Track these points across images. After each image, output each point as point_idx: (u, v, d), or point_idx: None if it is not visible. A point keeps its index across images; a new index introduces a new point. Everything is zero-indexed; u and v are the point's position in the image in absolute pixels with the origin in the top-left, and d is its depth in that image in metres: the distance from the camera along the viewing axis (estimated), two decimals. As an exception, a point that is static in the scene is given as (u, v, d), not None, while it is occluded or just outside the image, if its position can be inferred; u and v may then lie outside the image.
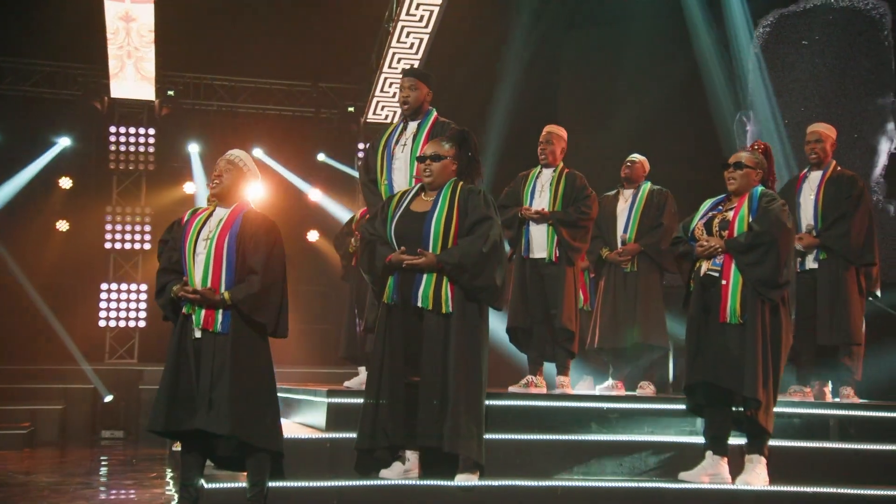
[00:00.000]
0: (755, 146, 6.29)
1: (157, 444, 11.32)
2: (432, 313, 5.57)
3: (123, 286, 14.06)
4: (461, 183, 5.78)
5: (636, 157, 8.34)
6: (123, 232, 14.08)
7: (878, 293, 7.79)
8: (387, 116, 14.88)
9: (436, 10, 12.82)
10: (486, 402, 5.72)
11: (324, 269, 14.28)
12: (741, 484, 5.90)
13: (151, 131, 14.25)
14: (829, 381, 7.63)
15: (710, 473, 5.94)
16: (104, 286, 14.02)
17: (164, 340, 14.01)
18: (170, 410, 5.29)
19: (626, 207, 8.15)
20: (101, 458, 10.25)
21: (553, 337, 7.44)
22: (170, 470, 8.78)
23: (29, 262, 13.69)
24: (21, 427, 11.39)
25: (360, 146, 15.10)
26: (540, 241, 7.43)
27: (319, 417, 6.43)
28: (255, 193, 5.79)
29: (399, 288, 5.63)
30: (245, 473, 5.42)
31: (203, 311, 5.28)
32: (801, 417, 6.70)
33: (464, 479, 5.57)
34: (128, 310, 14.02)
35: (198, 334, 5.31)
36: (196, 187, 14.44)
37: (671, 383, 10.61)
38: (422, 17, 12.94)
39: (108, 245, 14.10)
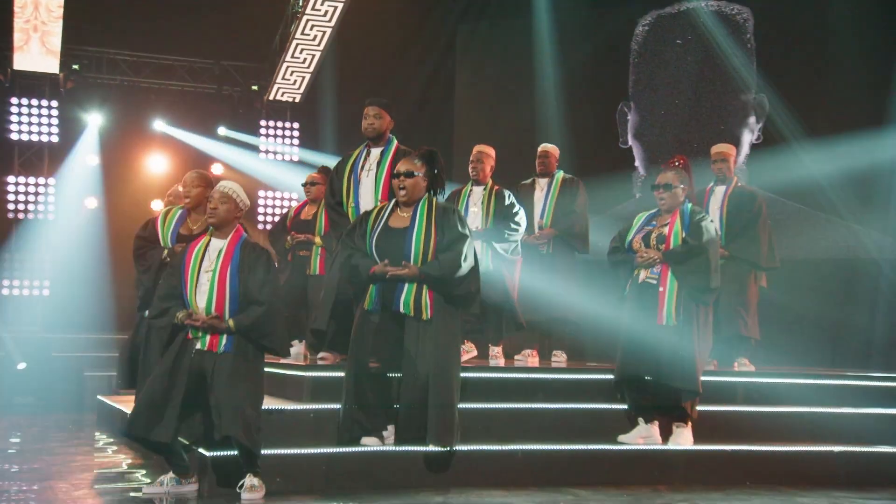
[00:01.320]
0: (676, 162, 7.00)
1: (73, 409, 11.62)
2: (413, 319, 6.08)
3: (27, 255, 14.07)
4: (434, 199, 6.34)
5: (547, 146, 8.93)
6: (27, 203, 14.10)
7: (765, 284, 8.76)
8: (290, 97, 15.47)
9: (340, 6, 13.55)
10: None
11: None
12: (672, 445, 6.75)
13: (55, 104, 14.26)
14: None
15: (645, 436, 6.78)
16: (7, 255, 14.01)
17: (69, 309, 13.93)
18: (150, 420, 5.63)
19: (542, 196, 8.76)
20: (32, 425, 10.41)
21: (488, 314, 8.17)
22: (103, 434, 9.13)
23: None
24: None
25: (263, 123, 15.64)
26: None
27: (299, 390, 6.88)
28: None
29: (380, 296, 6.11)
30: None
31: (208, 336, 5.71)
32: (714, 385, 7.33)
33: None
34: (31, 279, 14.05)
35: (198, 345, 5.72)
36: (97, 160, 14.58)
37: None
38: (326, 11, 13.67)
39: (10, 215, 14.12)
